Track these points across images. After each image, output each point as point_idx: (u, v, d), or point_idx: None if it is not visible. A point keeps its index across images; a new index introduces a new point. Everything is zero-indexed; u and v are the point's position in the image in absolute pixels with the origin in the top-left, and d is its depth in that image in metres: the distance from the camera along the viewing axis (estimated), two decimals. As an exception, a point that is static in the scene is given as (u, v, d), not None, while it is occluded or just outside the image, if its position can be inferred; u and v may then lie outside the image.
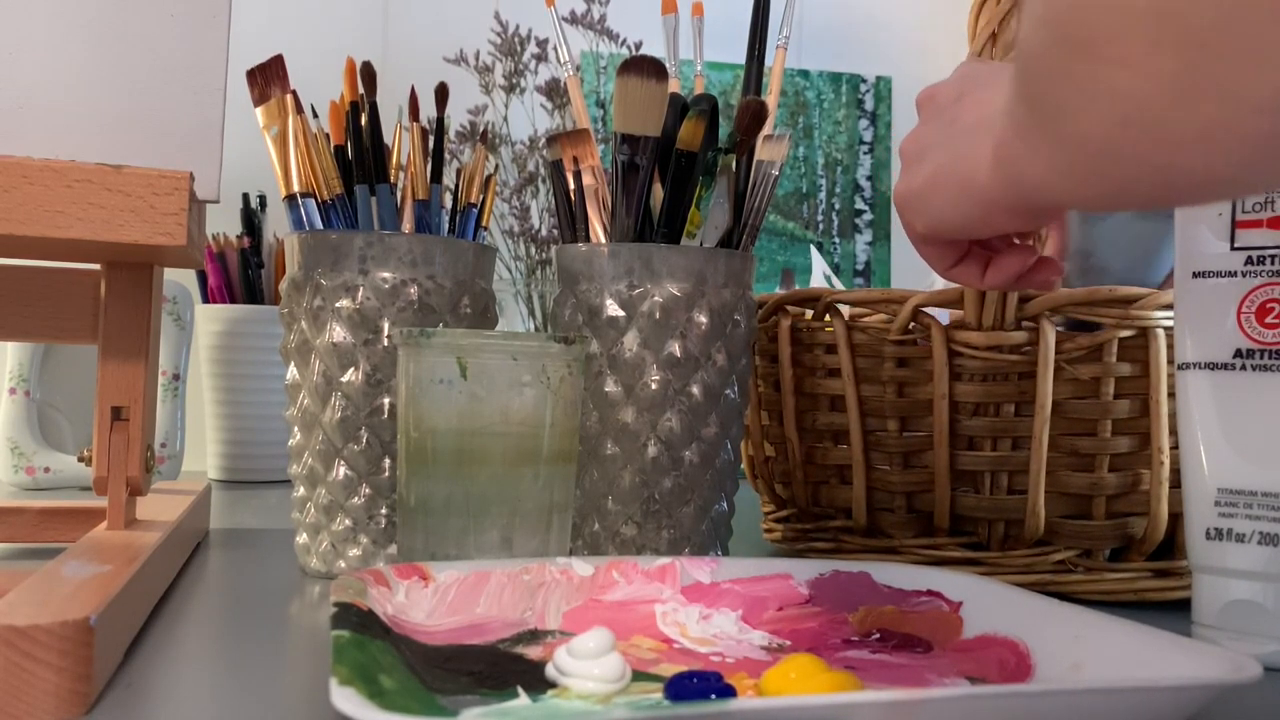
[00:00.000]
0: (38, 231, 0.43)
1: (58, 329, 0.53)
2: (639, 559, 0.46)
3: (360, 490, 0.54)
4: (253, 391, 0.96)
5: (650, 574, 0.45)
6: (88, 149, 0.47)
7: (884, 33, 1.30)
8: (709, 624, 0.43)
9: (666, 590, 0.45)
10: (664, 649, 0.40)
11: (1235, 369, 0.45)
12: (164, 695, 0.36)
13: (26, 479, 0.90)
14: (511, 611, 0.42)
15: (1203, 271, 0.46)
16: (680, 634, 0.42)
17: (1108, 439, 0.55)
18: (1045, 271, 0.47)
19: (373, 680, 0.30)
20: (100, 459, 0.50)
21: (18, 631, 0.32)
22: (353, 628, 0.33)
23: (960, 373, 0.56)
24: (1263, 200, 0.45)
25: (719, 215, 0.56)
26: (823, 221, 1.26)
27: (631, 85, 0.55)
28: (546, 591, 0.43)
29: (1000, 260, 0.46)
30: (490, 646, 0.39)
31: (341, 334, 0.54)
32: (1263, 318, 0.45)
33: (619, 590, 0.44)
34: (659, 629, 0.43)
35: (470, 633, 0.40)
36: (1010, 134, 0.33)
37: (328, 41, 1.11)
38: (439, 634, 0.40)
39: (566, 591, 0.43)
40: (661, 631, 0.42)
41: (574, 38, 0.99)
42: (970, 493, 0.57)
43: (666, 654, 0.40)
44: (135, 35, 0.49)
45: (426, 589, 0.41)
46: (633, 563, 0.45)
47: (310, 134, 0.57)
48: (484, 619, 0.41)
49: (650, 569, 0.45)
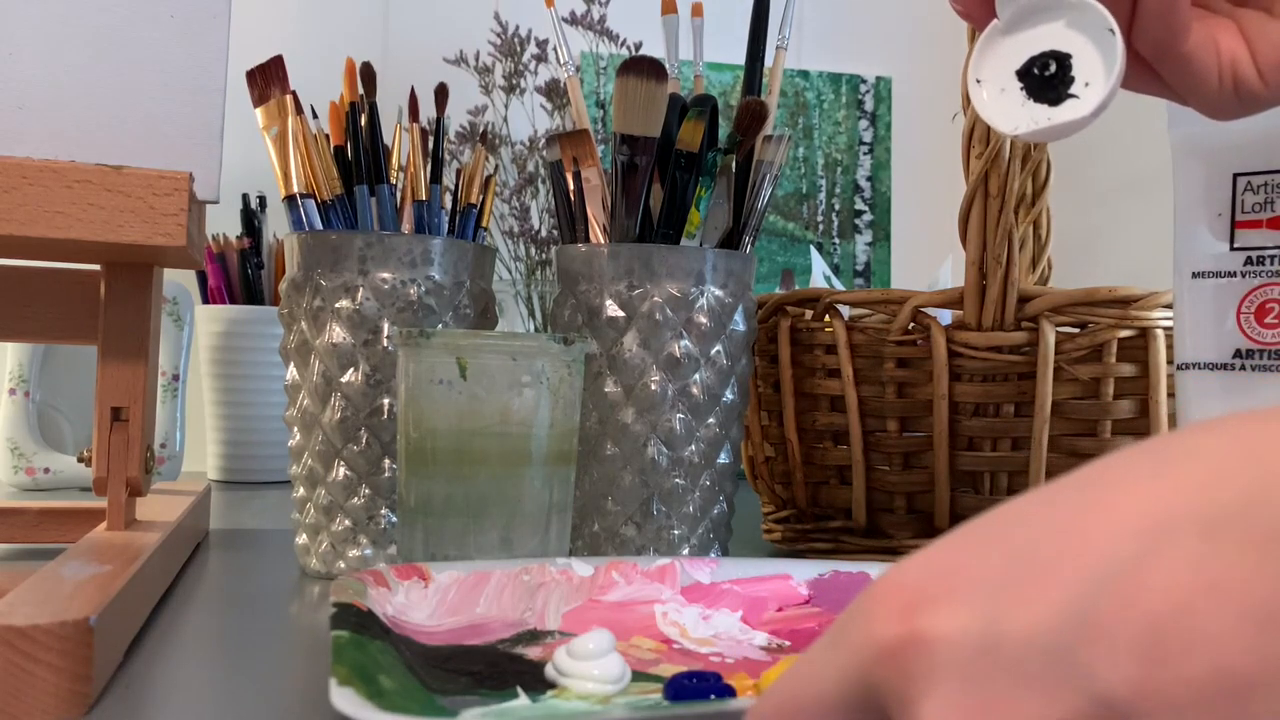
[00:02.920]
0: (38, 232, 0.43)
1: (58, 329, 0.53)
2: (638, 559, 0.46)
3: (360, 491, 0.54)
4: (252, 392, 0.96)
5: (650, 574, 0.45)
6: (88, 149, 0.47)
7: (884, 33, 1.30)
8: (709, 624, 0.43)
9: (666, 591, 0.45)
10: (664, 649, 0.40)
11: (1235, 369, 0.45)
12: (163, 696, 0.36)
13: (26, 479, 0.90)
14: (511, 612, 0.42)
15: (1202, 272, 0.46)
16: (680, 634, 0.42)
17: (1108, 439, 0.55)
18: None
19: (372, 680, 0.30)
20: (100, 459, 0.50)
21: (17, 632, 0.32)
22: (352, 628, 0.33)
23: (960, 373, 0.56)
24: (1263, 201, 0.45)
25: (719, 216, 0.56)
26: (823, 222, 1.27)
27: (631, 85, 0.55)
28: (546, 592, 0.43)
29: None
30: (490, 647, 0.39)
31: (341, 334, 0.54)
32: (1262, 318, 0.45)
33: (619, 591, 0.44)
34: (659, 629, 0.43)
35: (470, 633, 0.40)
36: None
37: (328, 42, 1.11)
38: (439, 634, 0.40)
39: (566, 592, 0.43)
40: (661, 632, 0.42)
41: (574, 38, 0.99)
42: (970, 493, 0.57)
43: (666, 654, 0.40)
44: (135, 36, 0.49)
45: (426, 589, 0.41)
46: (632, 563, 0.45)
47: (310, 134, 0.57)
48: (484, 619, 0.41)
49: (650, 569, 0.45)
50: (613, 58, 1.09)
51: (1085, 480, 0.19)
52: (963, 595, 0.19)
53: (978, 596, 0.19)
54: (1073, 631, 0.17)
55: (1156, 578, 0.17)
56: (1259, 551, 0.16)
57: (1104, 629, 0.17)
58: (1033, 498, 0.20)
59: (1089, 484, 0.19)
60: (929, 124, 1.23)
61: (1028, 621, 0.18)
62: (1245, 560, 0.16)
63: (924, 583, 0.19)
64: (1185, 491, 0.17)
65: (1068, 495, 0.19)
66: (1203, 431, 0.18)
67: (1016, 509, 0.20)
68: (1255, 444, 0.17)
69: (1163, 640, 0.16)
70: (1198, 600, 0.16)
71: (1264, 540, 0.16)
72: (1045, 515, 0.19)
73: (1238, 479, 0.17)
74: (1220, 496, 0.17)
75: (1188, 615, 0.16)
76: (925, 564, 0.20)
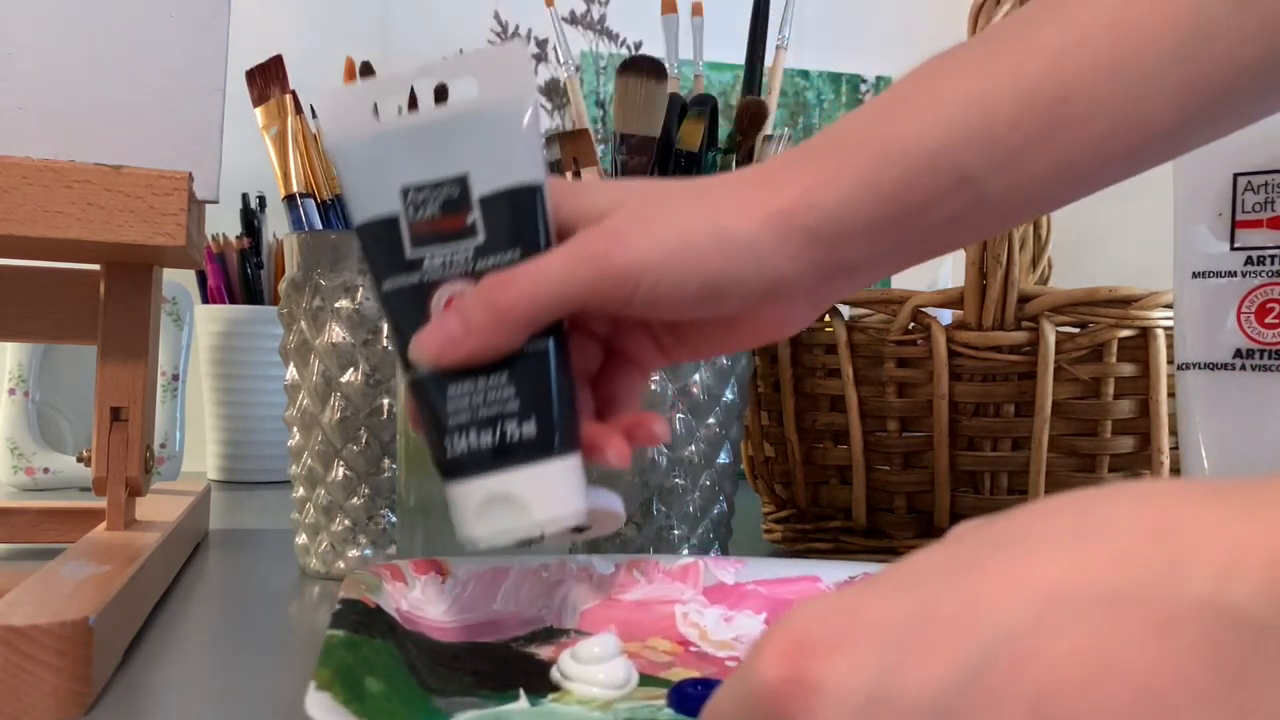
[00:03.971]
0: (37, 232, 0.43)
1: (57, 329, 0.53)
2: (661, 557, 0.44)
3: (360, 491, 0.54)
4: (252, 392, 0.96)
5: (672, 573, 0.44)
6: (87, 149, 0.47)
7: (884, 33, 1.30)
8: (731, 626, 0.42)
9: (688, 591, 0.43)
10: (679, 652, 0.40)
11: (1235, 369, 0.45)
12: (163, 695, 0.36)
13: (26, 479, 0.90)
14: (529, 609, 0.41)
15: (1203, 272, 0.46)
16: (699, 637, 0.41)
17: (1108, 439, 0.55)
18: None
19: (356, 683, 0.29)
20: (99, 459, 0.50)
21: (17, 632, 0.32)
22: (350, 627, 0.33)
23: (960, 373, 0.56)
24: (1263, 200, 0.45)
25: (719, 215, 0.56)
26: (822, 222, 1.26)
27: (631, 85, 0.55)
28: (565, 589, 0.42)
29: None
30: (502, 645, 0.39)
31: (341, 334, 0.54)
32: (1262, 318, 0.45)
33: (639, 589, 0.43)
34: (678, 630, 0.41)
35: (485, 629, 0.40)
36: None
37: (327, 41, 1.11)
38: (453, 630, 0.39)
39: (586, 589, 0.42)
40: (680, 633, 0.41)
41: (574, 38, 0.99)
42: (970, 493, 0.57)
43: (680, 657, 0.39)
44: (134, 35, 0.49)
45: (444, 584, 0.41)
46: (654, 561, 0.44)
47: (309, 134, 0.56)
48: (500, 615, 0.41)
49: (673, 568, 0.44)
50: (612, 57, 1.09)
51: (1004, 538, 0.19)
52: (860, 644, 0.19)
53: (876, 648, 0.18)
54: (962, 693, 0.17)
55: (1052, 648, 0.16)
56: (1160, 635, 0.16)
57: (992, 694, 0.17)
58: (951, 552, 0.20)
59: (1007, 544, 0.19)
60: (929, 124, 1.23)
61: (919, 679, 0.18)
62: (1147, 643, 0.16)
63: (821, 628, 0.19)
64: (1093, 566, 0.17)
65: (982, 554, 0.19)
66: (1118, 503, 0.18)
67: (932, 561, 0.20)
68: (1166, 524, 0.17)
69: (1050, 712, 0.16)
70: (1094, 678, 0.16)
71: (1166, 623, 0.16)
72: (955, 572, 0.19)
73: (1146, 558, 0.17)
74: (1127, 576, 0.17)
75: (1080, 692, 0.16)
76: (828, 609, 0.20)
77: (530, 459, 0.34)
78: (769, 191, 0.36)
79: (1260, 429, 0.44)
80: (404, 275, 0.36)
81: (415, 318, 0.35)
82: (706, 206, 0.36)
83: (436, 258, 0.36)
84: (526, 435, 0.34)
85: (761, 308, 0.38)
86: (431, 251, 0.36)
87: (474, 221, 0.36)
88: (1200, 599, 0.16)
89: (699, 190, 0.37)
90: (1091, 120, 0.35)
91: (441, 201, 0.36)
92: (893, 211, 0.36)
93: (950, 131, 0.35)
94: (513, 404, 0.35)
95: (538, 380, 0.35)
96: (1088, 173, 0.37)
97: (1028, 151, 0.35)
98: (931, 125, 0.36)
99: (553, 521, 0.34)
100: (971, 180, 0.36)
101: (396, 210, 0.36)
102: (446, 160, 0.36)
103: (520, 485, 0.34)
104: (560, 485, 0.35)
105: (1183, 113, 0.35)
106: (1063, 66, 0.35)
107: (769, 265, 0.36)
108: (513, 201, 0.36)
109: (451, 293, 0.35)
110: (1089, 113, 0.35)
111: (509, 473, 0.34)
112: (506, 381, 0.35)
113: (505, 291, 0.34)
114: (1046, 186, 0.36)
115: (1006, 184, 0.36)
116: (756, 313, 0.38)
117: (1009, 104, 0.35)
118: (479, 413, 0.35)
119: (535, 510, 0.34)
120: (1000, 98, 0.35)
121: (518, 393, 0.35)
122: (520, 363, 0.35)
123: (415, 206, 0.36)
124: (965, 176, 0.35)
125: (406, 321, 0.36)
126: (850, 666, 0.18)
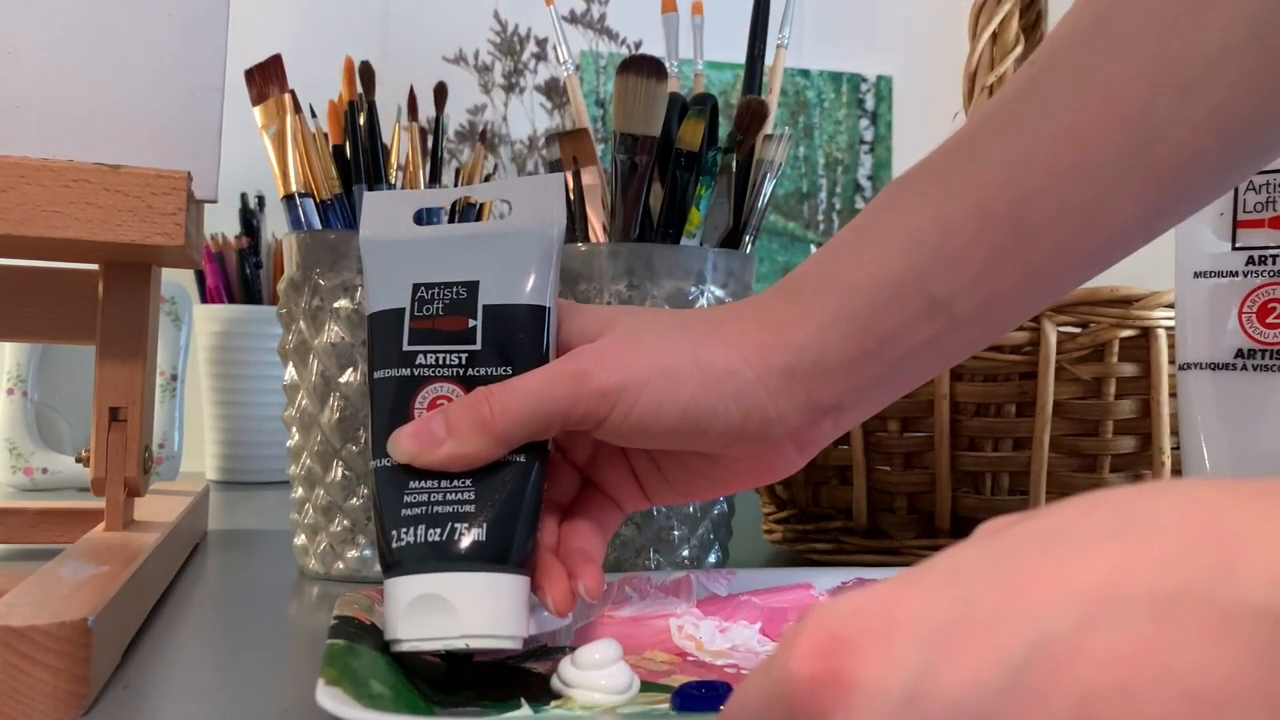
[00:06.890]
0: (36, 231, 0.43)
1: (56, 329, 0.53)
2: (653, 574, 0.44)
3: (359, 491, 0.54)
4: (251, 392, 0.96)
5: (664, 588, 0.44)
6: (86, 149, 0.47)
7: (884, 32, 1.30)
8: (726, 637, 0.42)
9: (681, 605, 0.43)
10: (678, 661, 0.39)
11: (1237, 369, 0.45)
12: (162, 696, 0.36)
13: (24, 480, 0.90)
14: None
15: (1204, 271, 0.46)
16: (696, 648, 0.41)
17: (1109, 439, 0.54)
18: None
19: (362, 684, 0.29)
20: (98, 460, 0.50)
21: (15, 632, 0.32)
22: (349, 638, 0.33)
23: (961, 373, 0.56)
24: (1264, 200, 0.45)
25: (719, 215, 0.56)
26: (823, 221, 1.26)
27: (631, 84, 0.55)
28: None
29: None
30: (497, 662, 0.38)
31: (340, 334, 0.54)
32: (1264, 318, 0.45)
33: (632, 606, 0.43)
34: (674, 643, 0.41)
35: None
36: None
37: (327, 40, 1.10)
38: None
39: (579, 607, 0.42)
40: (676, 645, 0.41)
41: (573, 37, 0.99)
42: (971, 493, 0.57)
43: (680, 666, 0.39)
44: (133, 35, 0.49)
45: None
46: (646, 577, 0.44)
47: (308, 134, 0.56)
48: None
49: (664, 583, 0.44)
50: (612, 56, 1.09)
51: (1044, 536, 0.18)
52: (896, 642, 0.18)
53: (913, 645, 0.18)
54: (1003, 694, 0.16)
55: (1099, 648, 0.16)
56: (1214, 638, 0.15)
57: (1036, 694, 0.16)
58: (988, 548, 0.19)
59: (1047, 541, 0.18)
60: (930, 123, 1.23)
61: (959, 679, 0.17)
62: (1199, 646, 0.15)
63: (857, 624, 0.19)
64: (1141, 566, 0.17)
65: (1021, 551, 0.18)
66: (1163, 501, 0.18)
67: (969, 558, 0.19)
68: (1215, 524, 0.17)
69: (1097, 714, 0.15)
70: (1143, 679, 0.15)
71: (1219, 626, 0.15)
72: (995, 569, 0.18)
73: (1197, 559, 0.16)
74: (1177, 577, 0.16)
75: (1128, 693, 0.15)
76: (864, 605, 0.19)
77: (475, 566, 0.33)
78: (751, 327, 0.37)
79: (1262, 429, 0.44)
80: (396, 367, 0.36)
81: (398, 409, 0.35)
82: (690, 336, 0.37)
83: (430, 355, 0.36)
84: (476, 540, 0.33)
85: (746, 449, 0.38)
86: (427, 349, 0.36)
87: (474, 327, 0.36)
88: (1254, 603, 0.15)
89: (685, 320, 0.38)
90: (1054, 226, 0.35)
91: (448, 302, 0.36)
92: (866, 344, 0.36)
93: (911, 256, 0.36)
94: (468, 507, 0.34)
95: (504, 491, 0.34)
96: (1057, 277, 0.37)
97: (994, 266, 0.35)
98: (893, 252, 0.36)
99: (483, 636, 0.33)
100: (940, 302, 0.36)
101: (404, 304, 0.36)
102: (462, 266, 0.37)
103: (457, 589, 0.33)
104: (502, 601, 0.33)
105: (1143, 205, 0.35)
106: (1019, 177, 0.35)
107: (748, 400, 0.36)
108: (516, 316, 0.36)
109: (437, 394, 0.35)
110: (1051, 219, 0.35)
111: (449, 575, 0.33)
112: (469, 485, 0.34)
113: (490, 403, 0.34)
114: (1018, 299, 0.37)
115: (976, 301, 0.36)
116: (741, 454, 0.38)
117: (968, 221, 0.35)
118: (434, 509, 0.34)
119: (466, 619, 0.32)
120: (959, 217, 0.35)
121: (477, 497, 0.34)
122: (490, 471, 0.34)
123: (422, 302, 0.36)
124: (933, 299, 0.36)
125: (387, 411, 0.35)
126: (887, 664, 0.18)
